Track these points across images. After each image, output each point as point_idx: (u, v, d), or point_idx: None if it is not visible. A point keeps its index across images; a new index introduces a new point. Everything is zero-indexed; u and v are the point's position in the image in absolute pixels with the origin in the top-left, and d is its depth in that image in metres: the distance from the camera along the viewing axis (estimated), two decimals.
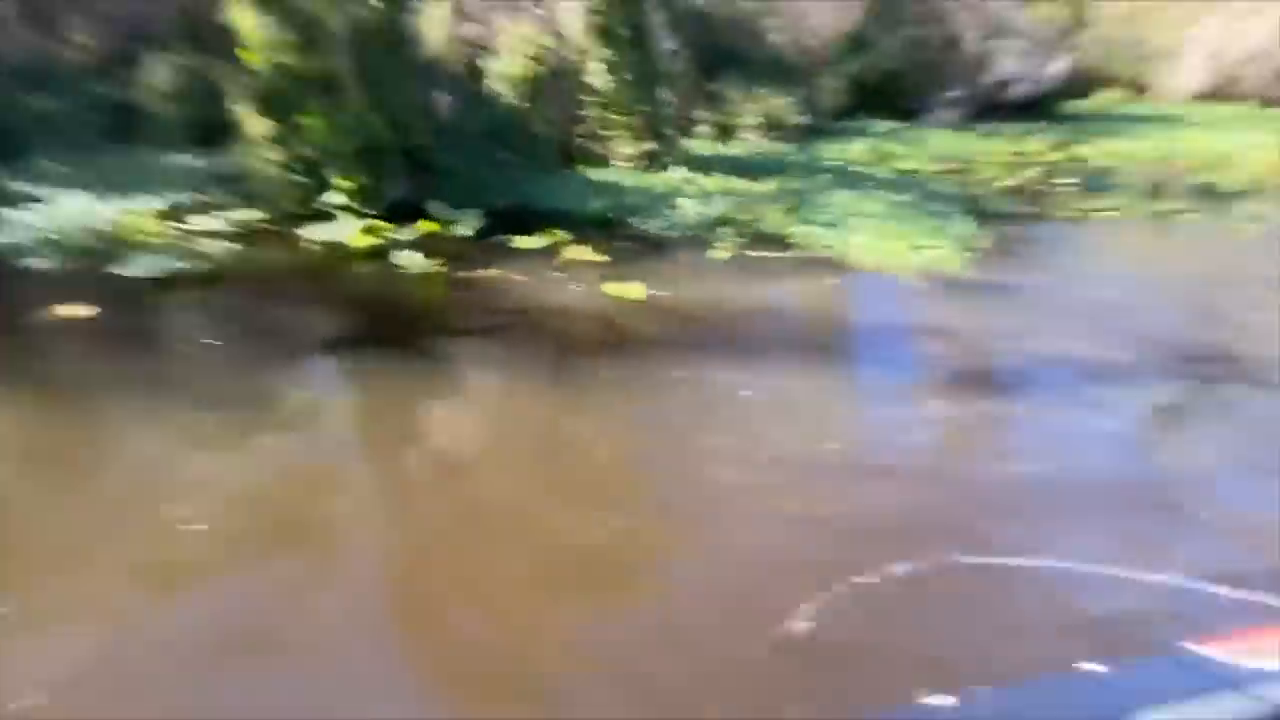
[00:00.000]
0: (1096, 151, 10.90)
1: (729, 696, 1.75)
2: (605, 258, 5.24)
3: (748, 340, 4.09)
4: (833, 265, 5.40)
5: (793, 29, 13.84)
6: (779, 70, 11.97)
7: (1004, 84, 13.20)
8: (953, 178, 8.65)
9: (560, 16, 7.75)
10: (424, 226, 5.68)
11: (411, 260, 4.94)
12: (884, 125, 12.63)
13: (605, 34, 7.58)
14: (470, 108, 7.26)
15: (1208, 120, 15.29)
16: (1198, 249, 6.61)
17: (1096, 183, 8.66)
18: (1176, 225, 7.12)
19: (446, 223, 5.77)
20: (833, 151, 9.96)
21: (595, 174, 7.68)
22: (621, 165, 7.99)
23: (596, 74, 7.80)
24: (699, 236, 5.96)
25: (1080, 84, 16.17)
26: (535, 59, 7.55)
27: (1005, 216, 6.93)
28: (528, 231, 5.77)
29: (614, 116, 7.94)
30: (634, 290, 4.52)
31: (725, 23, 11.74)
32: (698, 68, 10.94)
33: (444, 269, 4.92)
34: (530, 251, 5.43)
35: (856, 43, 14.07)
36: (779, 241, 5.87)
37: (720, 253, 5.55)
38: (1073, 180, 8.65)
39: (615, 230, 6.11)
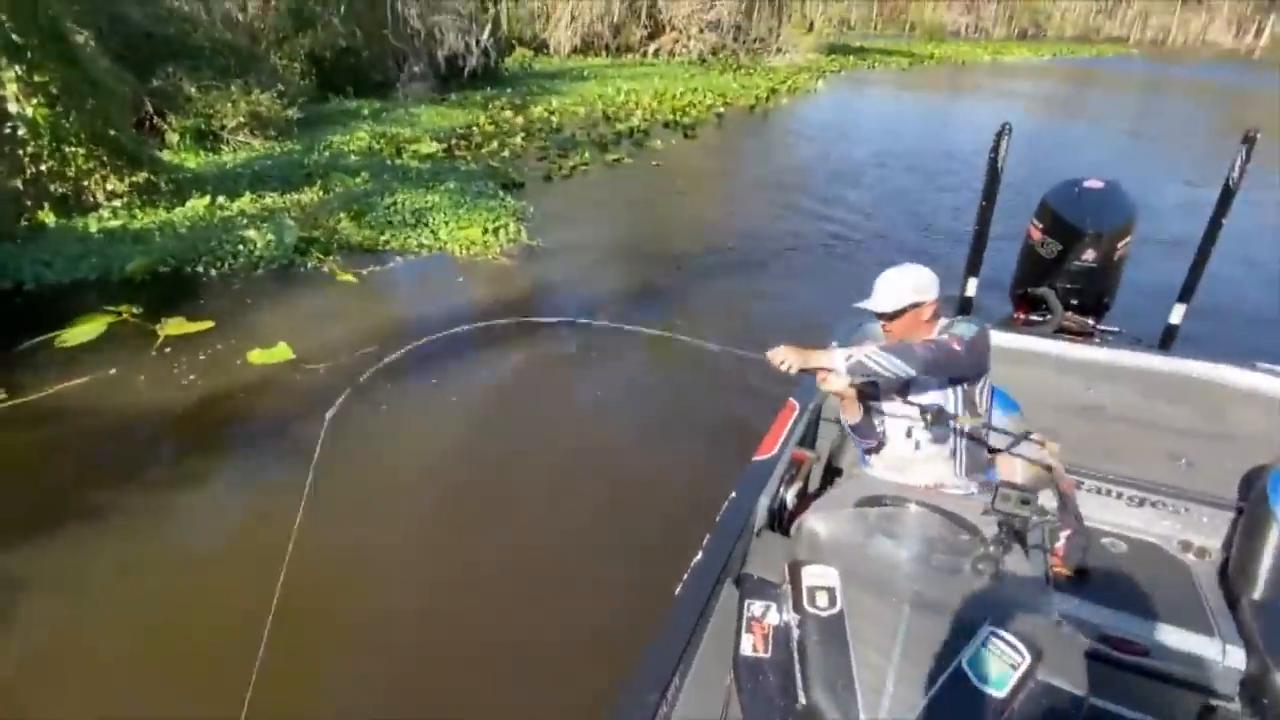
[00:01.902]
0: (543, 110, 13.80)
1: None
2: (209, 322, 4.68)
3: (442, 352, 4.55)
4: (438, 262, 6.10)
5: (221, 3, 12.35)
6: (228, 54, 10.79)
7: (455, 56, 14.90)
8: (466, 155, 9.93)
9: None
10: None
11: None
12: (364, 105, 12.94)
13: (8, 45, 5.79)
14: None
15: (593, 71, 20.52)
16: (642, 185, 9.65)
17: (559, 141, 11.25)
18: (621, 167, 10.14)
19: None
20: (341, 143, 9.97)
21: (85, 224, 6.11)
22: (113, 206, 6.51)
23: (14, 99, 5.97)
24: (289, 266, 5.73)
25: (501, 47, 19.19)
26: None
27: (521, 185, 8.64)
28: (57, 321, 4.55)
29: (69, 148, 6.30)
30: (280, 351, 4.30)
31: (143, 2, 9.79)
32: (126, 66, 9.05)
33: None
34: (99, 343, 4.38)
35: (300, 18, 13.51)
36: (375, 251, 6.17)
37: (346, 276, 5.57)
38: (544, 143, 11.03)
39: (182, 287, 5.30)
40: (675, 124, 13.21)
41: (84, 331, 4.44)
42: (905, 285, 1.84)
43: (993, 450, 1.96)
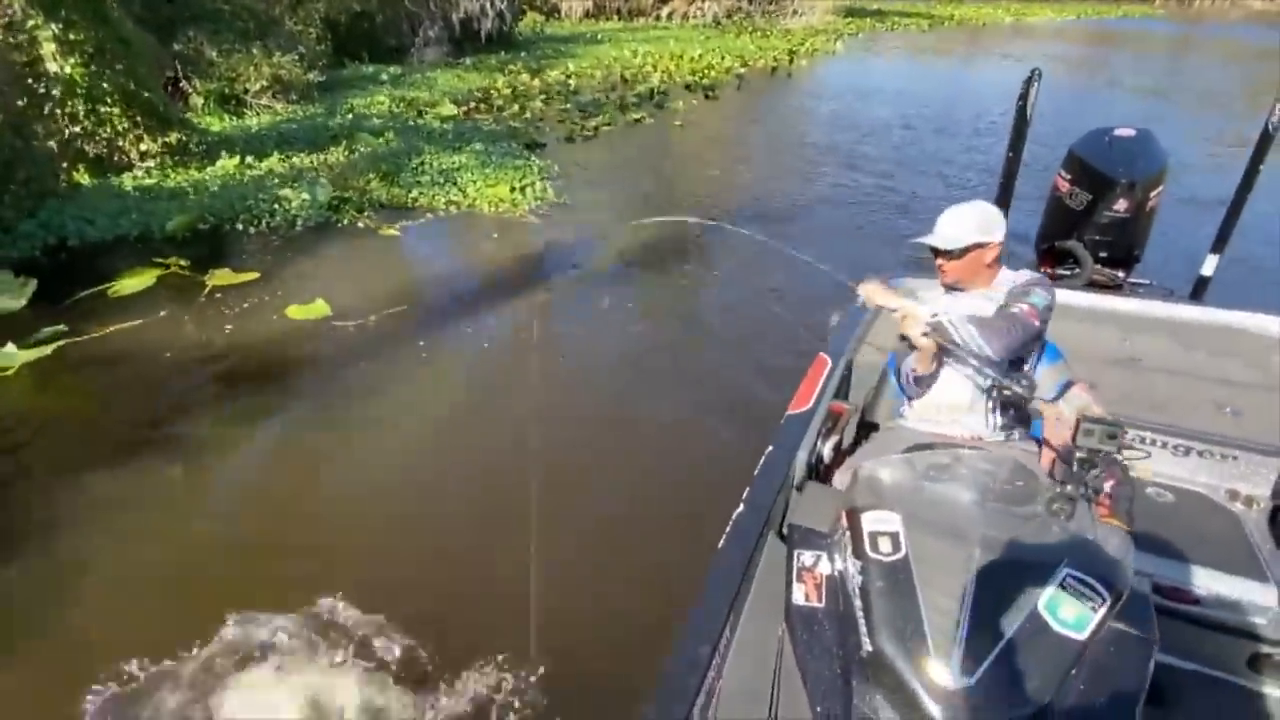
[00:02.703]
0: (560, 73, 13.64)
1: None
2: (254, 274, 4.78)
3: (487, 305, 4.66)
4: (467, 219, 6.15)
5: None
6: (247, 18, 10.72)
7: (471, 20, 14.71)
8: (487, 117, 9.89)
9: None
10: None
11: (4, 356, 3.58)
12: (380, 70, 12.84)
13: (45, 3, 5.81)
14: None
15: (606, 35, 20.19)
16: (665, 146, 9.58)
17: (580, 103, 11.15)
18: (643, 128, 10.06)
19: None
20: (362, 106, 9.94)
21: (120, 183, 6.19)
22: (146, 166, 6.58)
23: (51, 58, 6.01)
24: (325, 223, 5.80)
25: (514, 10, 18.88)
26: None
27: (544, 145, 8.61)
28: (103, 274, 4.67)
29: (105, 109, 6.36)
30: (317, 308, 4.35)
31: None
32: (147, 29, 9.03)
33: (57, 346, 3.77)
34: (149, 293, 4.50)
35: None
36: (404, 208, 6.22)
37: (391, 231, 5.66)
38: (564, 105, 10.94)
39: (224, 243, 5.40)
40: (695, 86, 13.03)
41: (135, 282, 4.56)
42: (969, 223, 1.73)
43: (1027, 399, 1.89)
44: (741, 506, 1.64)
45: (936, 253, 1.77)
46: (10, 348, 3.64)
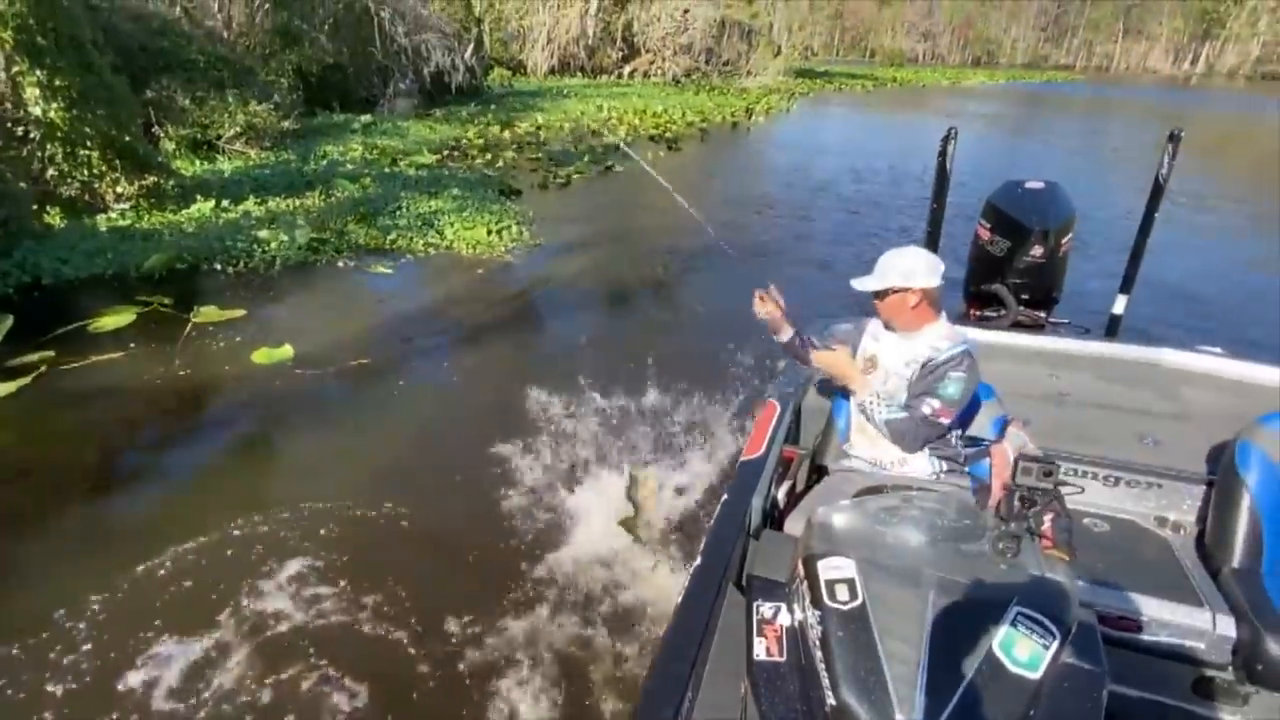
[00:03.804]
0: (529, 125, 14.17)
1: None
2: (240, 311, 4.86)
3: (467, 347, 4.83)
4: (445, 260, 6.35)
5: (204, 19, 12.51)
6: (222, 67, 10.95)
7: (442, 74, 15.24)
8: (462, 164, 10.22)
9: None
10: None
11: None
12: (352, 120, 13.13)
13: (31, 49, 5.93)
14: None
15: (571, 90, 21.05)
16: (634, 193, 10.04)
17: (551, 152, 11.62)
18: (613, 176, 10.53)
19: None
20: (335, 153, 10.17)
21: (94, 224, 6.22)
22: (120, 209, 6.62)
23: (34, 101, 6.09)
24: (304, 263, 5.92)
25: (484, 65, 19.57)
26: None
27: (519, 192, 8.95)
28: (80, 312, 4.68)
29: (84, 151, 6.42)
30: (282, 352, 4.31)
31: (135, 18, 9.92)
32: (125, 74, 9.17)
33: (37, 374, 3.77)
34: (129, 329, 4.53)
35: (288, 37, 13.72)
36: (383, 250, 6.39)
37: (381, 269, 5.86)
38: (536, 155, 11.38)
39: (202, 282, 5.45)
40: (660, 138, 13.70)
41: (114, 320, 4.59)
42: (893, 269, 1.87)
43: (973, 440, 2.02)
44: (699, 558, 1.62)
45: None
46: None
